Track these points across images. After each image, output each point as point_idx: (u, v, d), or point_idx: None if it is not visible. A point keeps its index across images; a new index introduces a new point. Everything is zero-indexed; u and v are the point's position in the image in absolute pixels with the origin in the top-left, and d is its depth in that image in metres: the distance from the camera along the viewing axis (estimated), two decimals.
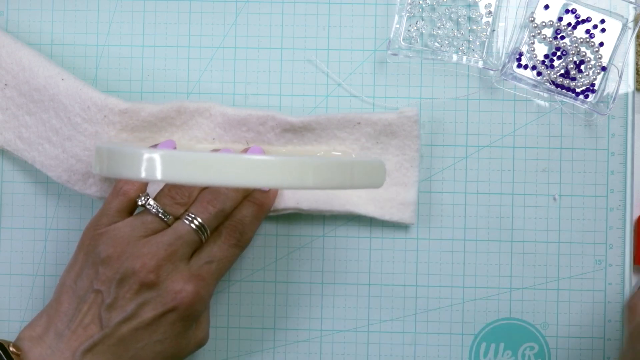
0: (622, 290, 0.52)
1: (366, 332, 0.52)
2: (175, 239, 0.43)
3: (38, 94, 0.49)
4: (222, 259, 0.44)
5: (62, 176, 0.50)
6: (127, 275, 0.42)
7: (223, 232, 0.45)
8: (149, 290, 0.42)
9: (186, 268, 0.43)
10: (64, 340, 0.42)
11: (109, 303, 0.42)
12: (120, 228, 0.43)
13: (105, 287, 0.42)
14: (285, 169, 0.37)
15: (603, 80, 0.51)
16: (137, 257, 0.42)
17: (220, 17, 0.52)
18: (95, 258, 0.43)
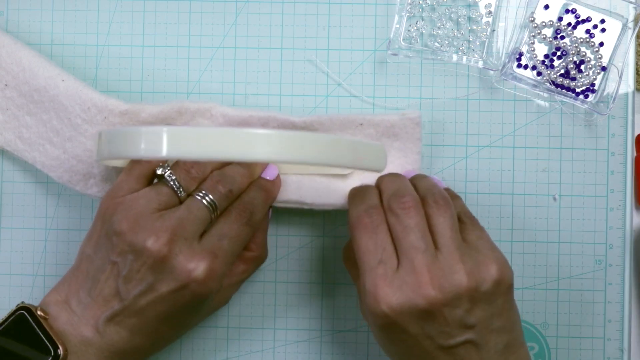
0: (622, 290, 0.52)
1: (366, 332, 0.52)
2: (187, 213, 0.43)
3: (38, 94, 0.49)
4: (233, 237, 0.44)
5: (63, 176, 0.50)
6: (140, 250, 0.42)
7: (233, 212, 0.45)
8: (162, 265, 0.42)
9: (198, 245, 0.42)
10: (87, 307, 0.43)
11: (124, 275, 0.42)
12: (136, 199, 0.43)
13: (120, 259, 0.42)
14: (286, 141, 0.38)
15: (603, 80, 0.51)
16: (149, 232, 0.42)
17: (220, 17, 0.52)
18: (109, 229, 0.43)
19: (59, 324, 0.43)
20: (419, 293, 0.40)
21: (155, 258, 0.41)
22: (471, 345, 0.41)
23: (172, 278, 0.42)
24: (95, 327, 0.43)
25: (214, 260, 0.42)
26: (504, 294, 0.42)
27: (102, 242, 0.44)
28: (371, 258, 0.42)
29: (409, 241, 0.41)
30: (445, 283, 0.40)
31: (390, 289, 0.40)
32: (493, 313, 0.42)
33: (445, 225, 0.42)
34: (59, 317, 0.43)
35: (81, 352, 0.43)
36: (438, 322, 0.41)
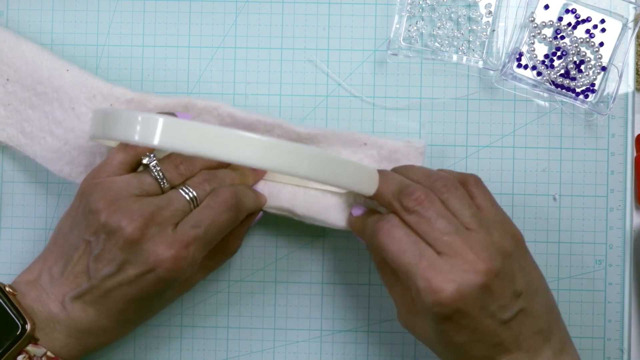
0: (622, 290, 0.52)
1: (366, 332, 0.52)
2: (166, 202, 0.43)
3: (42, 86, 0.50)
4: (210, 225, 0.43)
5: (63, 169, 0.50)
6: (114, 230, 0.42)
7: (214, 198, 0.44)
8: (132, 248, 0.42)
9: (171, 233, 0.42)
10: (57, 284, 0.43)
11: (96, 255, 0.42)
12: (116, 182, 0.43)
13: (94, 239, 0.43)
14: (281, 151, 0.38)
15: (603, 80, 0.51)
16: (125, 213, 0.42)
17: (220, 17, 0.52)
18: (86, 207, 0.43)
19: (27, 300, 0.43)
20: (471, 271, 0.40)
21: (127, 240, 0.41)
22: (523, 315, 0.42)
23: (141, 261, 0.42)
24: (62, 304, 0.43)
25: (184, 249, 0.42)
26: (525, 252, 0.44)
27: (78, 220, 0.44)
28: (410, 256, 0.41)
29: (439, 229, 0.41)
30: (488, 254, 0.41)
31: (442, 276, 0.40)
32: (528, 275, 0.43)
33: (463, 205, 0.43)
34: (28, 294, 0.43)
35: (49, 329, 0.43)
36: (494, 295, 0.41)
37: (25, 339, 0.42)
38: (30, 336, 0.42)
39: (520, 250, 0.44)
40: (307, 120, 0.52)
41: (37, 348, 0.42)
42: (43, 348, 0.42)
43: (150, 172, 0.44)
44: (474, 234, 0.42)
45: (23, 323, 0.42)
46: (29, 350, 0.42)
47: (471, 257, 0.41)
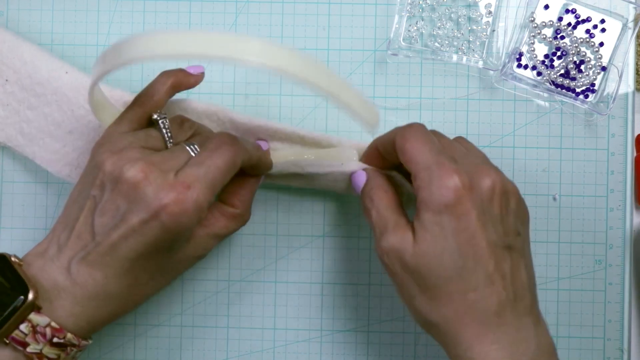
0: (622, 290, 0.52)
1: (366, 332, 0.52)
2: (170, 154, 0.43)
3: (40, 87, 0.50)
4: (210, 165, 0.42)
5: (62, 170, 0.50)
6: (116, 177, 0.41)
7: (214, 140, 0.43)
8: (135, 193, 0.40)
9: (173, 177, 0.41)
10: (63, 251, 0.42)
11: (100, 208, 0.41)
12: (124, 136, 0.43)
13: (98, 192, 0.42)
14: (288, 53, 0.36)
15: (603, 80, 0.51)
16: (128, 160, 0.41)
17: (220, 17, 0.52)
18: (93, 162, 0.43)
19: (32, 269, 0.42)
20: (483, 175, 0.41)
21: (129, 185, 0.40)
22: (518, 255, 0.42)
23: (143, 207, 0.40)
24: (67, 270, 0.42)
25: (186, 190, 0.41)
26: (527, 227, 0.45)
27: (86, 179, 0.43)
28: (430, 149, 0.42)
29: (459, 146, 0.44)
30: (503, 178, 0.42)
31: (456, 170, 0.41)
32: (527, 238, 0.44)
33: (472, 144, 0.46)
34: (33, 263, 0.42)
35: (54, 297, 0.41)
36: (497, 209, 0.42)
37: (27, 307, 0.40)
38: (32, 304, 0.40)
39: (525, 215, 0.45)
40: (307, 120, 0.52)
41: (41, 317, 0.40)
42: (47, 317, 0.41)
43: (159, 128, 0.44)
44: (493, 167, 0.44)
45: (25, 291, 0.40)
46: (32, 319, 0.40)
47: (485, 168, 0.42)
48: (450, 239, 0.40)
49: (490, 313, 0.41)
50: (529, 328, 0.42)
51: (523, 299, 0.42)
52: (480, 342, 0.41)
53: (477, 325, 0.41)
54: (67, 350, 0.41)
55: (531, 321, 0.42)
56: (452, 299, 0.41)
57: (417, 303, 0.42)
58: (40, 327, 0.40)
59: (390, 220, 0.43)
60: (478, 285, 0.41)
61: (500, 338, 0.41)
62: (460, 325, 0.41)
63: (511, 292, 0.41)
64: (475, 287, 0.41)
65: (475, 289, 0.41)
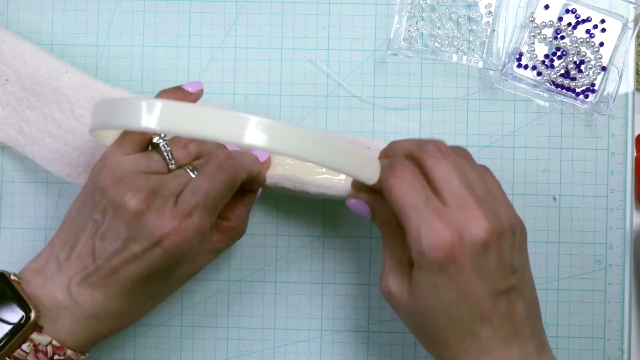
0: (622, 290, 0.52)
1: (366, 332, 0.52)
2: (171, 179, 0.43)
3: (40, 87, 0.50)
4: (209, 191, 0.42)
5: (63, 170, 0.50)
6: (118, 204, 0.41)
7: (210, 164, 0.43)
8: (136, 222, 0.41)
9: (173, 205, 0.42)
10: (63, 269, 0.43)
11: (102, 233, 0.42)
12: (125, 160, 0.43)
13: (100, 216, 0.42)
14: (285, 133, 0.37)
15: (603, 80, 0.51)
16: (129, 188, 0.41)
17: (220, 17, 0.52)
18: (94, 186, 0.43)
19: (32, 287, 0.42)
20: (476, 225, 0.40)
21: (131, 214, 0.41)
22: (515, 294, 0.41)
23: (145, 236, 0.41)
24: (68, 290, 0.42)
25: (186, 218, 0.41)
26: (525, 242, 0.43)
27: (86, 201, 0.43)
28: (416, 199, 0.40)
29: (453, 181, 0.41)
30: (495, 217, 0.40)
31: (445, 222, 0.40)
32: (525, 262, 0.43)
33: (477, 173, 0.43)
34: (33, 281, 0.43)
35: (54, 316, 0.42)
36: (492, 258, 0.40)
37: (30, 327, 0.41)
38: (34, 324, 0.41)
39: (522, 236, 0.43)
40: (307, 120, 0.52)
41: (42, 336, 0.41)
42: (48, 336, 0.41)
43: (160, 151, 0.44)
44: (483, 198, 0.41)
45: (27, 311, 0.41)
46: (34, 339, 0.41)
47: (478, 213, 0.40)
48: (445, 296, 0.40)
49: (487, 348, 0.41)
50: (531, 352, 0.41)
51: (522, 330, 0.41)
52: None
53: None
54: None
55: (534, 347, 0.42)
56: (448, 344, 0.41)
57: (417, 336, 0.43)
58: (41, 346, 0.41)
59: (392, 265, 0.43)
60: (474, 328, 0.40)
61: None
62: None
63: (511, 326, 0.41)
64: (472, 331, 0.40)
65: (471, 333, 0.41)
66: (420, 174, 0.42)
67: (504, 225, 0.41)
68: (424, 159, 0.42)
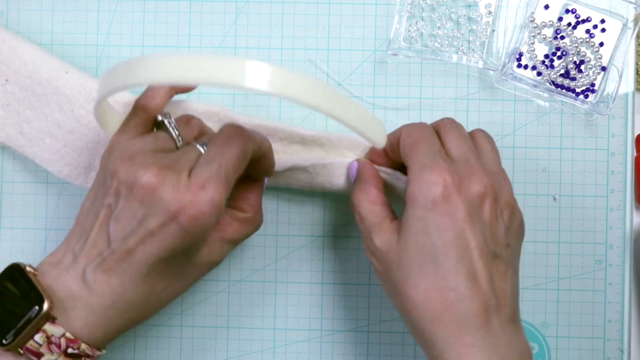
0: (622, 290, 0.52)
1: (366, 332, 0.52)
2: (181, 154, 0.42)
3: (40, 87, 0.50)
4: (221, 161, 0.41)
5: (63, 170, 0.50)
6: (131, 184, 0.40)
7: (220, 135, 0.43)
8: (151, 198, 0.40)
9: (187, 179, 0.41)
10: (78, 259, 0.42)
11: (116, 215, 0.41)
12: (134, 142, 0.43)
13: (113, 199, 0.41)
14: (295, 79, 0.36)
15: (603, 80, 0.51)
16: (141, 166, 0.41)
17: (220, 17, 0.52)
18: (106, 171, 0.42)
19: (47, 279, 0.41)
20: (475, 179, 0.41)
21: (145, 190, 0.40)
22: (504, 265, 0.42)
23: (160, 211, 0.40)
24: (83, 279, 0.41)
25: (201, 190, 0.40)
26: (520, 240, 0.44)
27: (98, 191, 0.43)
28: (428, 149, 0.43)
29: (465, 146, 0.44)
30: (497, 185, 0.42)
31: (448, 170, 0.41)
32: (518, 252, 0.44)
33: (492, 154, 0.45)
34: (48, 273, 0.42)
35: (69, 307, 0.41)
36: (487, 213, 0.41)
37: (42, 317, 0.40)
38: (47, 314, 0.40)
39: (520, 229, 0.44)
40: (307, 121, 0.52)
41: (55, 327, 0.40)
42: (61, 328, 0.40)
43: (166, 129, 0.44)
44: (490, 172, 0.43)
45: (40, 301, 0.40)
46: (47, 330, 0.40)
47: (480, 172, 0.42)
48: (434, 236, 0.40)
49: (470, 315, 0.40)
50: (510, 335, 0.41)
51: (505, 307, 0.41)
52: (457, 343, 0.40)
53: (454, 326, 0.40)
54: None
55: (511, 329, 0.41)
56: (430, 297, 0.40)
57: (398, 301, 0.42)
58: (54, 338, 0.40)
59: (373, 223, 0.44)
60: (459, 285, 0.40)
61: (479, 341, 0.40)
62: (437, 325, 0.40)
63: (493, 297, 0.41)
64: (456, 288, 0.40)
65: (455, 289, 0.40)
66: (436, 135, 0.44)
67: (504, 198, 0.43)
68: (441, 127, 0.45)
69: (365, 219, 0.44)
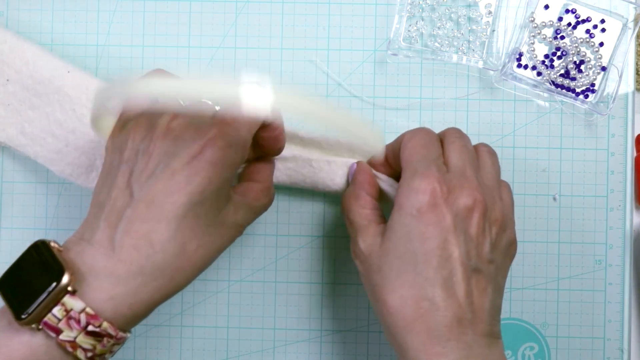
0: (622, 290, 0.52)
1: (366, 332, 0.52)
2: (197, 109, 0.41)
3: (42, 87, 0.50)
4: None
5: (65, 170, 0.50)
6: (151, 128, 0.39)
7: None
8: (175, 138, 0.39)
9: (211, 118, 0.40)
10: (100, 231, 0.39)
11: (137, 168, 0.39)
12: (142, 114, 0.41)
13: (131, 156, 0.40)
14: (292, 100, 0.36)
15: (603, 80, 0.51)
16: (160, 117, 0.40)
17: (220, 17, 0.52)
18: (119, 144, 0.41)
19: (70, 254, 0.39)
20: (466, 193, 0.41)
21: (166, 131, 0.39)
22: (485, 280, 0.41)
23: (186, 147, 0.38)
24: (107, 248, 0.38)
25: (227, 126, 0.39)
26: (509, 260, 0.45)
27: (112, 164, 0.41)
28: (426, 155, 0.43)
29: (465, 158, 0.43)
30: (490, 201, 0.42)
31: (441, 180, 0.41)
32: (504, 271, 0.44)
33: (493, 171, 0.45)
34: (72, 248, 0.39)
35: (92, 279, 0.38)
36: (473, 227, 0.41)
37: (62, 289, 0.37)
38: (66, 285, 0.37)
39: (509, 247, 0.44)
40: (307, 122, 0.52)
41: (75, 301, 0.37)
42: (82, 302, 0.37)
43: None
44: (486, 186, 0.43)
45: (61, 274, 0.37)
46: (66, 302, 0.37)
47: (474, 186, 0.42)
48: (416, 244, 0.40)
49: (441, 325, 0.40)
50: (484, 349, 0.41)
51: (481, 322, 0.41)
52: (427, 352, 0.40)
53: (425, 335, 0.40)
54: (103, 341, 0.38)
55: (487, 343, 0.41)
56: (404, 304, 0.40)
57: (376, 305, 0.42)
58: (74, 313, 0.37)
59: (360, 226, 0.44)
60: (434, 295, 0.40)
61: (449, 352, 0.40)
62: (409, 332, 0.40)
63: (469, 311, 0.40)
64: (431, 297, 0.40)
65: (430, 299, 0.40)
66: (439, 143, 0.45)
67: (495, 214, 0.42)
68: (446, 135, 0.45)
69: (353, 222, 0.45)
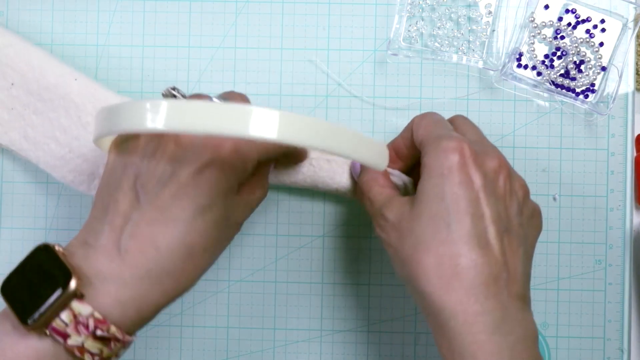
0: (622, 290, 0.52)
1: (366, 332, 0.52)
2: None
3: (48, 92, 0.49)
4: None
5: (67, 176, 0.50)
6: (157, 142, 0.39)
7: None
8: (183, 149, 0.38)
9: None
10: (104, 234, 0.39)
11: (144, 173, 0.39)
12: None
13: (138, 161, 0.39)
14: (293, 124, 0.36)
15: (603, 80, 0.51)
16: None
17: (220, 17, 0.52)
18: (123, 146, 0.40)
19: (75, 259, 0.38)
20: (491, 154, 0.42)
21: (176, 139, 0.38)
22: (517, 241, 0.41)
23: (194, 157, 0.38)
24: (113, 252, 0.38)
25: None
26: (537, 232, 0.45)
27: (115, 166, 0.40)
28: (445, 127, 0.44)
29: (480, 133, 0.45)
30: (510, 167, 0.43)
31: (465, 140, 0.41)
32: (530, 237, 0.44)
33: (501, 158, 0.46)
34: (77, 252, 0.39)
35: (99, 283, 0.38)
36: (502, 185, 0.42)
37: (70, 294, 0.37)
38: (74, 291, 0.37)
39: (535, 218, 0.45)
40: None
41: (83, 305, 0.37)
42: (89, 307, 0.37)
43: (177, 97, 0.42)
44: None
45: (67, 279, 0.37)
46: (74, 307, 0.37)
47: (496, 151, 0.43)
48: (448, 202, 0.40)
49: (480, 283, 0.39)
50: (518, 312, 0.40)
51: (516, 284, 0.40)
52: (464, 311, 0.39)
53: (463, 292, 0.39)
54: (110, 345, 0.38)
55: (521, 307, 0.40)
56: (441, 262, 0.39)
57: (409, 270, 0.41)
58: (82, 317, 0.37)
59: (383, 203, 0.43)
60: (471, 252, 0.39)
61: (487, 311, 0.39)
62: (446, 291, 0.39)
63: (504, 270, 0.40)
64: (468, 254, 0.39)
65: (467, 255, 0.39)
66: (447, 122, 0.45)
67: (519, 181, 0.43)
68: (454, 120, 0.46)
69: (375, 201, 0.44)
